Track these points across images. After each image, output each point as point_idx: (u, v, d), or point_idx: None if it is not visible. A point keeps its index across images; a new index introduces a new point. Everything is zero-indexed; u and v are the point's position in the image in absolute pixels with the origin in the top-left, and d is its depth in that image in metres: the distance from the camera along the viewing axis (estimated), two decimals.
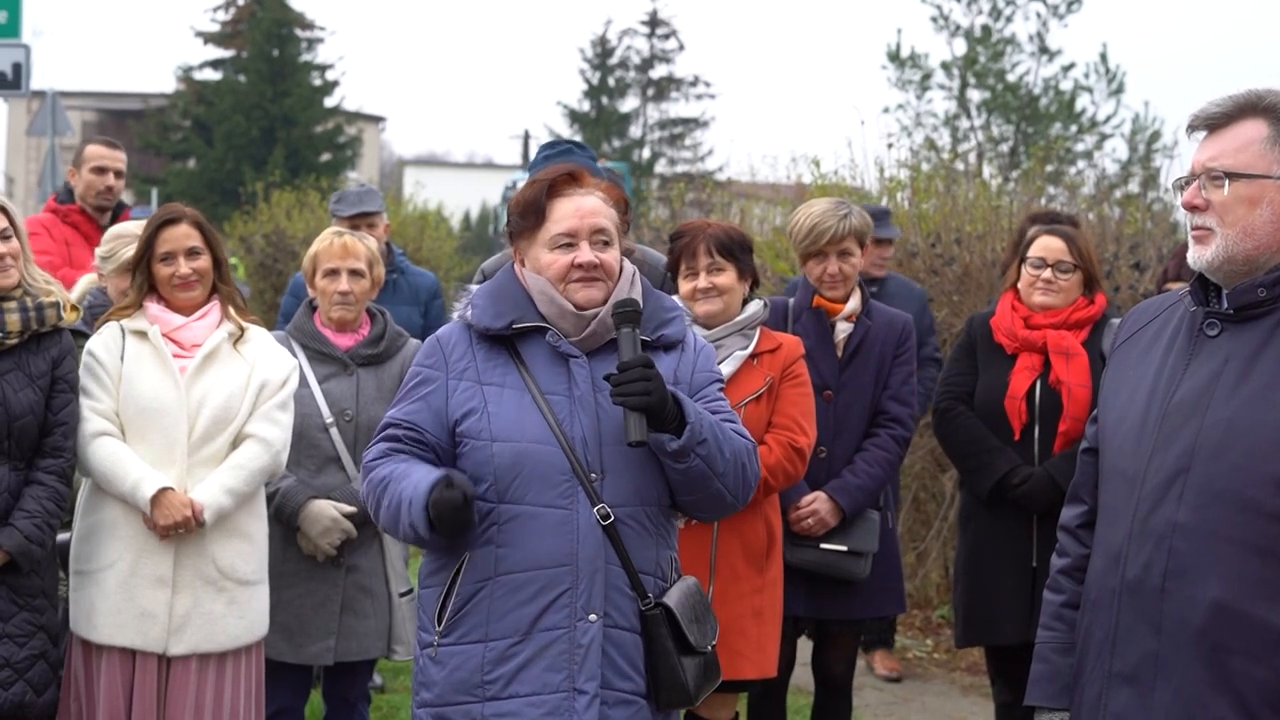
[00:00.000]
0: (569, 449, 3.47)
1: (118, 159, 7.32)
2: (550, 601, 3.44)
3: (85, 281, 5.59)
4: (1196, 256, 3.04)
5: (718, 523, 4.72)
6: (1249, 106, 3.02)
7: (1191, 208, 3.04)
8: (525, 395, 3.53)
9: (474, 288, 3.74)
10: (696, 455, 3.45)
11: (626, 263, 3.69)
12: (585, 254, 3.56)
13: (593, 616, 3.45)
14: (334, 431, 5.29)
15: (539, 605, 3.44)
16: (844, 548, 5.32)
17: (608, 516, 3.46)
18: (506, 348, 3.59)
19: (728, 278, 4.89)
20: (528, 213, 3.63)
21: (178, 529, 4.61)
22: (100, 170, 7.26)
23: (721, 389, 3.74)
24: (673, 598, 3.57)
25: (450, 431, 3.55)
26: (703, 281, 4.88)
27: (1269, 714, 2.87)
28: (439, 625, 3.53)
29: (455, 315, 3.70)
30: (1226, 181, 2.99)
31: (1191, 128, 3.10)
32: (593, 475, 3.47)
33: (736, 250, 4.92)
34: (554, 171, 3.67)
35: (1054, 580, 3.32)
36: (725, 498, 3.58)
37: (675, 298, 4.01)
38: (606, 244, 3.60)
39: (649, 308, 3.65)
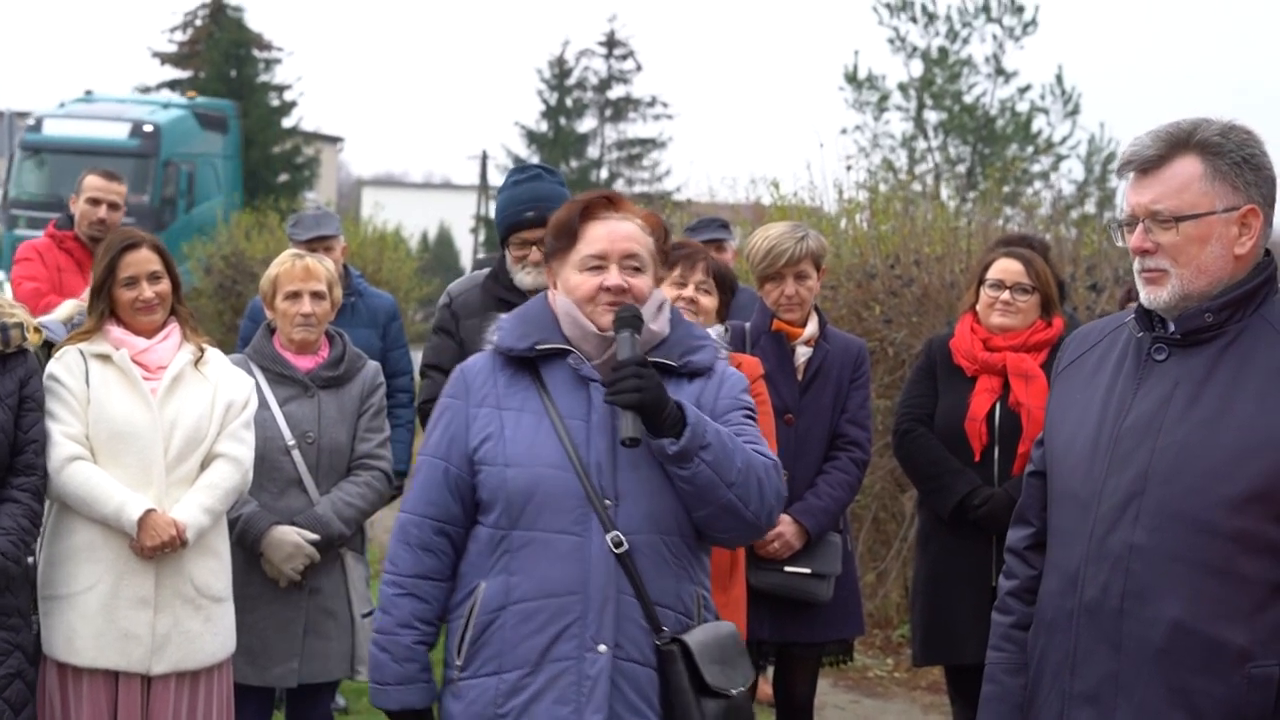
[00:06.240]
0: (583, 474, 3.37)
1: (113, 191, 7.33)
2: (560, 631, 3.35)
3: (71, 305, 5.55)
4: (1152, 298, 3.06)
5: None
6: (1178, 144, 3.03)
7: (1142, 252, 3.06)
8: (544, 419, 3.44)
9: (504, 316, 3.63)
10: (700, 460, 3.32)
11: (658, 291, 3.59)
12: (613, 277, 3.46)
13: (601, 647, 3.34)
14: (296, 454, 5.29)
15: (549, 635, 3.35)
16: (808, 570, 5.35)
17: (620, 544, 3.35)
18: (529, 372, 3.51)
19: (711, 302, 4.93)
20: (561, 234, 3.54)
21: (164, 549, 4.64)
22: (94, 201, 7.29)
23: (748, 416, 3.60)
24: (695, 636, 3.42)
25: (469, 460, 3.47)
26: (689, 292, 4.89)
27: None
28: (459, 658, 3.44)
29: (486, 345, 3.62)
30: (1176, 224, 3.02)
31: (1122, 170, 3.11)
32: (607, 501, 3.37)
33: (727, 287, 5.02)
34: (591, 195, 3.60)
35: (1002, 602, 3.33)
36: (742, 512, 3.39)
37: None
38: (638, 269, 3.50)
39: (677, 334, 3.57)
